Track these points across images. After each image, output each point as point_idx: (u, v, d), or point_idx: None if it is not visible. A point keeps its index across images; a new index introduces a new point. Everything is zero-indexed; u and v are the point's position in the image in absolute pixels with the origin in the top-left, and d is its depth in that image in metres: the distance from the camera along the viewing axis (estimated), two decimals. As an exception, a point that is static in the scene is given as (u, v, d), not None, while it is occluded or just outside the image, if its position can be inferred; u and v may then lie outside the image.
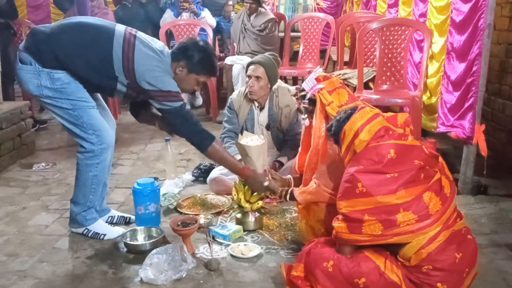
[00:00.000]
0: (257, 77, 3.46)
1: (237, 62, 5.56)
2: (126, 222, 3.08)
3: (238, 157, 3.33)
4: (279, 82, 3.66)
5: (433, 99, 3.93)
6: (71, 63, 2.63)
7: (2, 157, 4.10)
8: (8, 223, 3.13)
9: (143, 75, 2.64)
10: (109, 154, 2.82)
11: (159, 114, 2.87)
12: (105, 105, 3.02)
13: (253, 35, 5.67)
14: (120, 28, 2.73)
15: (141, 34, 2.77)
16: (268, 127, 3.61)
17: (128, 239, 2.76)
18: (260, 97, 3.54)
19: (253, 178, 2.81)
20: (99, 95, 2.97)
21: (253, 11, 5.69)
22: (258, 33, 5.65)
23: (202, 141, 2.76)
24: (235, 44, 5.92)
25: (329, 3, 9.07)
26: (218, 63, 6.08)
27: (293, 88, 3.66)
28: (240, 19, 5.77)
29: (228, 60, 5.74)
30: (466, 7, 3.33)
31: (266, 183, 2.79)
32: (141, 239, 2.81)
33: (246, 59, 5.23)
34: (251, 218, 2.93)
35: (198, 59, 2.75)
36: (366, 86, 4.49)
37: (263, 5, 5.98)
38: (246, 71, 3.56)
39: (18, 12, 5.72)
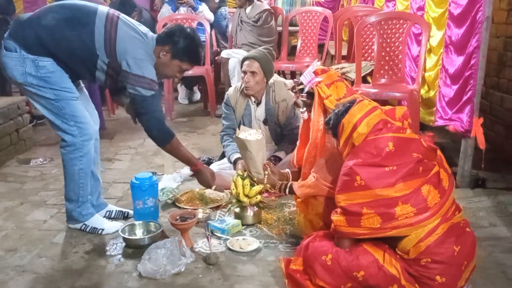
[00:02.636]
0: (252, 72, 3.45)
1: (233, 56, 5.55)
2: (124, 216, 3.07)
3: (238, 155, 3.33)
4: (275, 76, 3.65)
5: (431, 93, 3.92)
6: (54, 43, 2.60)
7: (0, 153, 4.09)
8: (6, 218, 3.13)
9: (125, 53, 2.62)
10: (92, 147, 2.80)
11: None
12: (90, 99, 3.00)
13: (248, 26, 5.68)
14: (103, 8, 2.72)
15: (124, 16, 2.75)
16: (265, 122, 3.60)
17: (126, 233, 2.76)
18: (256, 92, 3.53)
19: (204, 174, 2.95)
20: (84, 89, 2.95)
21: (242, 4, 5.70)
22: (253, 24, 5.65)
23: (162, 137, 2.81)
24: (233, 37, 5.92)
25: (327, -3, 9.05)
26: (216, 57, 6.13)
27: (289, 82, 3.66)
28: (237, 12, 5.80)
29: (224, 54, 5.74)
30: (464, 0, 3.32)
31: (213, 187, 3.00)
32: (139, 234, 2.81)
33: (242, 52, 5.22)
34: (249, 212, 2.93)
35: (183, 45, 2.73)
36: (364, 80, 4.48)
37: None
38: (241, 67, 3.54)
39: (15, 7, 5.69)
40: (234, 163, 3.41)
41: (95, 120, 2.91)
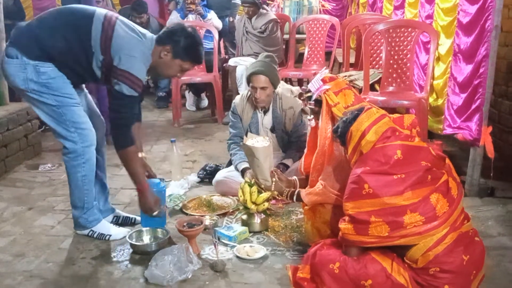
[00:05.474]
0: (262, 87, 3.42)
1: (240, 63, 5.56)
2: (132, 223, 3.08)
3: (245, 164, 3.33)
4: (282, 84, 3.64)
5: (440, 101, 3.91)
6: (52, 44, 2.62)
7: (9, 158, 4.12)
8: (14, 223, 3.14)
9: (119, 50, 2.61)
10: (93, 153, 2.79)
11: None
12: (94, 105, 2.99)
13: (254, 37, 5.68)
14: (101, 10, 2.74)
15: (123, 18, 2.77)
16: (272, 129, 3.60)
17: (133, 239, 2.76)
18: (267, 103, 3.53)
19: (145, 196, 2.74)
20: (88, 95, 2.95)
21: (252, 14, 5.70)
22: (259, 35, 5.65)
23: (123, 140, 2.67)
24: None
25: (334, 5, 9.07)
26: (224, 65, 6.16)
27: (295, 89, 3.65)
28: (242, 22, 5.79)
29: (231, 62, 5.75)
30: (473, 9, 3.32)
31: (155, 212, 2.75)
32: (146, 240, 2.81)
33: (250, 60, 5.23)
34: (256, 220, 2.92)
35: (184, 44, 2.70)
36: (372, 88, 4.48)
37: (266, 6, 5.99)
38: (248, 82, 3.51)
39: (25, 13, 5.75)
40: (242, 172, 3.40)
41: (100, 126, 2.91)
